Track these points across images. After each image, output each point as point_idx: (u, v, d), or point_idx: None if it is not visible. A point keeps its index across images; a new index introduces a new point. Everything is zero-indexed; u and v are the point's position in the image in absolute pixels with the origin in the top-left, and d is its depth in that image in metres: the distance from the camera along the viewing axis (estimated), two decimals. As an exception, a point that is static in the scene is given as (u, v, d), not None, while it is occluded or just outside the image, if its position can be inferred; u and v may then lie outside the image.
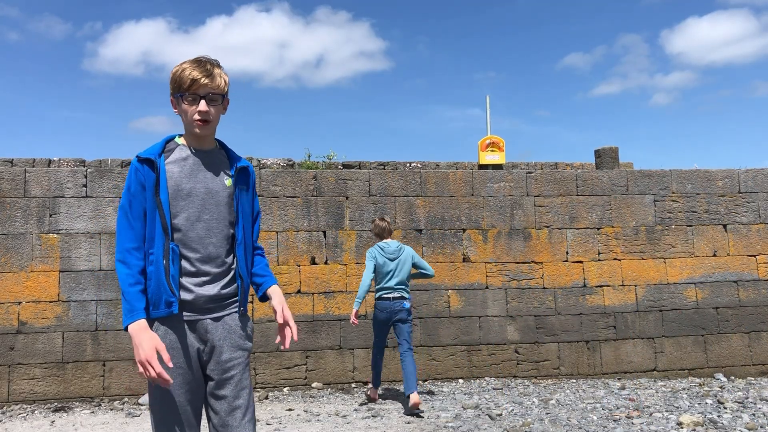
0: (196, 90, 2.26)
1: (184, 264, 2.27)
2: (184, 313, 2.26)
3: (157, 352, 2.13)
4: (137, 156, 2.27)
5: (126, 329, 2.18)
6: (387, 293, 6.03)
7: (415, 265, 6.22)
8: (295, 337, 2.40)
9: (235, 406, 2.30)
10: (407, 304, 6.04)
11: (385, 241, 6.22)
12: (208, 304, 2.29)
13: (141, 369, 2.13)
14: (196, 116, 2.27)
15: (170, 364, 2.15)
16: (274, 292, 2.46)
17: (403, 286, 6.07)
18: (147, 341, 2.13)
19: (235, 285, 2.37)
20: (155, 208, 2.23)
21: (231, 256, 2.37)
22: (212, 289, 2.30)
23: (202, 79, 2.25)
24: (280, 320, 2.38)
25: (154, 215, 2.23)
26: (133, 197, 2.24)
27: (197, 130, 2.30)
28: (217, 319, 2.31)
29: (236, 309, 2.37)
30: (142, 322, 2.16)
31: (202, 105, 2.26)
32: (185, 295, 2.26)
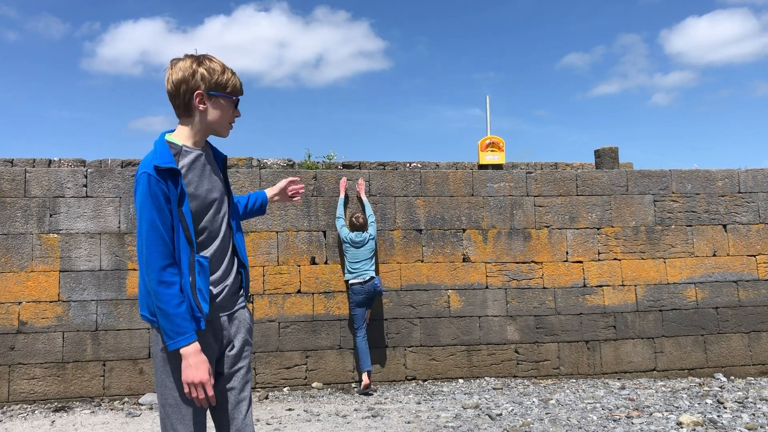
0: (239, 95, 2.36)
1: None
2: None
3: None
4: (155, 166, 2.17)
5: (174, 350, 2.16)
6: (357, 278, 6.85)
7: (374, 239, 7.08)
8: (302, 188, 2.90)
9: (241, 398, 2.36)
10: (379, 284, 6.90)
11: (356, 232, 6.99)
12: (223, 303, 2.34)
13: (189, 389, 2.16)
14: (233, 120, 2.38)
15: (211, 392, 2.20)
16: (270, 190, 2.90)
17: (370, 266, 6.91)
18: (203, 364, 2.16)
19: (239, 275, 2.42)
20: (179, 220, 2.19)
21: (233, 247, 2.42)
22: (225, 285, 2.35)
23: (242, 86, 2.37)
24: (284, 184, 2.86)
25: (178, 228, 2.19)
26: (159, 211, 2.15)
27: (225, 133, 2.38)
28: (230, 316, 2.37)
29: (243, 303, 2.43)
30: (197, 345, 2.17)
31: (238, 110, 2.38)
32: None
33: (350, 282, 6.92)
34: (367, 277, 6.85)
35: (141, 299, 2.29)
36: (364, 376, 6.79)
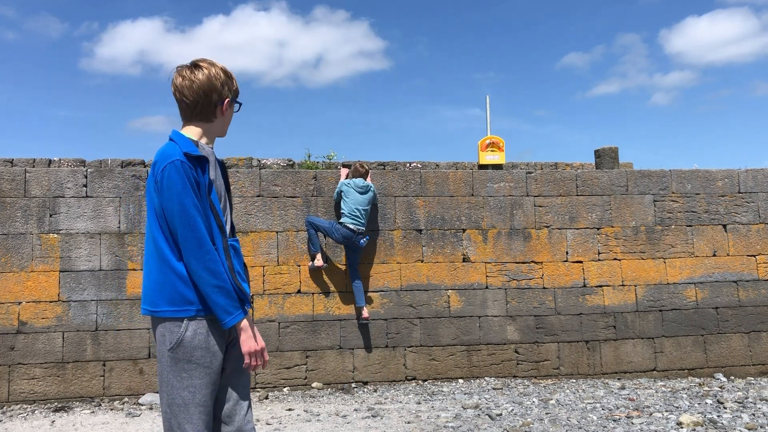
0: None
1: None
2: None
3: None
4: (186, 153, 2.24)
5: (230, 325, 2.21)
6: (352, 224, 6.89)
7: (374, 206, 7.23)
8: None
9: (242, 395, 2.38)
10: (364, 242, 6.93)
11: (360, 179, 7.13)
12: (248, 291, 2.39)
13: (250, 359, 2.25)
14: None
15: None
16: None
17: (365, 220, 6.99)
18: (257, 333, 2.28)
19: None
20: (209, 207, 2.26)
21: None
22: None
23: None
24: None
25: (209, 214, 2.25)
26: (196, 196, 2.22)
27: (225, 133, 2.48)
28: None
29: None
30: (249, 317, 2.27)
31: None
32: None
33: (344, 223, 6.90)
34: (362, 230, 6.93)
35: (159, 293, 2.24)
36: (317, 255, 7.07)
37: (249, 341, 2.23)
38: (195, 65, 2.35)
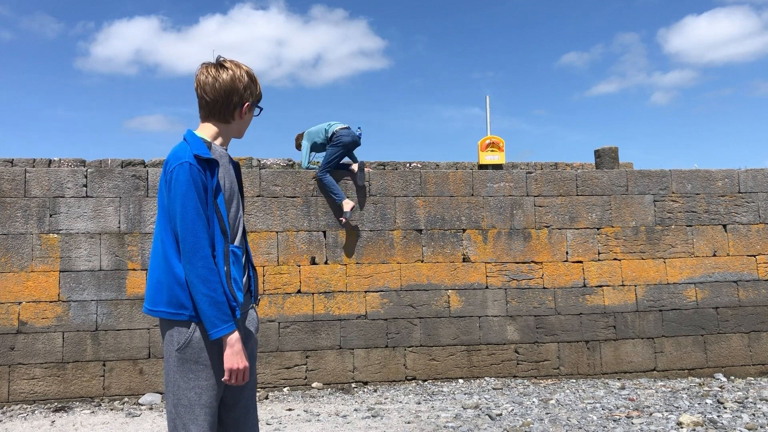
0: None
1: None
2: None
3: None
4: (195, 155, 2.22)
5: (215, 338, 2.16)
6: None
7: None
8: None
9: (249, 397, 2.39)
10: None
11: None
12: (242, 300, 2.35)
13: (230, 376, 2.18)
14: None
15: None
16: None
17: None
18: (243, 351, 2.21)
19: (248, 276, 2.43)
20: (214, 211, 2.22)
21: (245, 248, 2.45)
22: (246, 283, 2.38)
23: None
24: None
25: (213, 218, 2.22)
26: (200, 200, 2.19)
27: (243, 135, 2.47)
28: (245, 314, 2.39)
29: (252, 303, 2.45)
30: (238, 333, 2.21)
31: None
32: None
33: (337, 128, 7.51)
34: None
35: (159, 293, 2.24)
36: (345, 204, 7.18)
37: (233, 358, 2.17)
38: (220, 64, 2.33)
